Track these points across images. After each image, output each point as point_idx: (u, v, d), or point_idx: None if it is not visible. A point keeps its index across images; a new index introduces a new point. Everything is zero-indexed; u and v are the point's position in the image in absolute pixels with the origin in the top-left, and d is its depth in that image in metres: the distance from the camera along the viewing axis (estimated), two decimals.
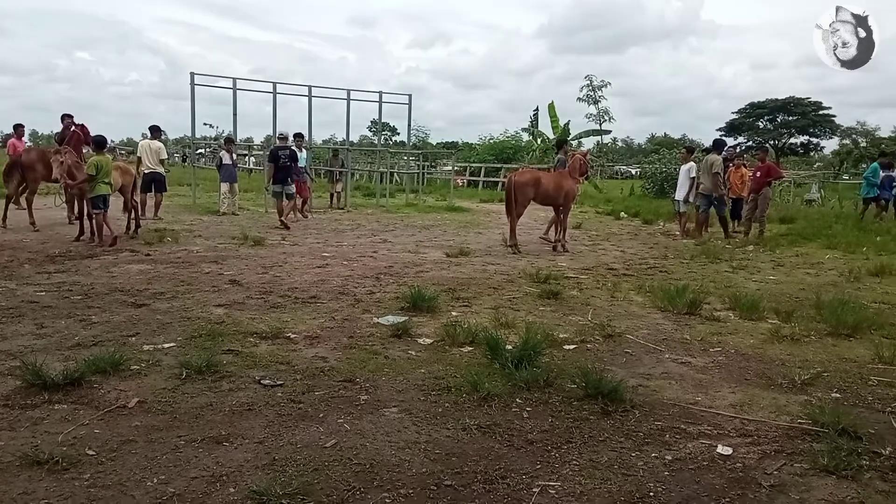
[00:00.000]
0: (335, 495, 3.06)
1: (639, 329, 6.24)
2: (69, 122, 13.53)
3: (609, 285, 8.32)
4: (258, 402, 4.15)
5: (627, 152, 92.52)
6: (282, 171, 14.37)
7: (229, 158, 16.39)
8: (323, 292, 7.48)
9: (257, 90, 20.45)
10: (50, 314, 6.11)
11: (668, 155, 29.04)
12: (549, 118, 34.77)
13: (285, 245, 11.42)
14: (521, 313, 6.71)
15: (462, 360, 5.11)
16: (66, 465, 3.24)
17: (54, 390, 4.15)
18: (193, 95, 17.40)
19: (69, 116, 13.77)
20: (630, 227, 16.50)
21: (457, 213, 18.98)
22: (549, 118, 34.77)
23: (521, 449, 3.63)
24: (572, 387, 4.48)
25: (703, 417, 4.16)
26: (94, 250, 9.87)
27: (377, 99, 21.19)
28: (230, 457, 3.42)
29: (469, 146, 46.62)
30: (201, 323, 5.94)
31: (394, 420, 3.98)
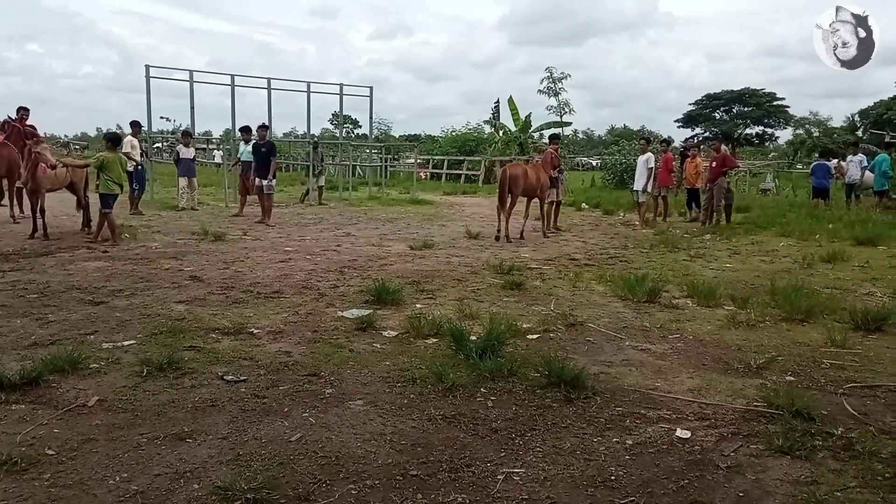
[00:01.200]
0: (301, 488, 3.06)
1: (600, 318, 6.34)
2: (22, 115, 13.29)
3: (571, 275, 8.43)
4: (221, 398, 4.12)
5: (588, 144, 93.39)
6: (260, 164, 14.15)
7: (187, 152, 16.12)
8: (286, 287, 7.43)
9: (215, 83, 20.19)
10: (5, 313, 5.96)
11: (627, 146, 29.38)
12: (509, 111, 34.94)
13: (247, 240, 11.30)
14: (485, 304, 6.76)
15: (427, 352, 5.14)
16: (25, 466, 3.19)
17: (11, 390, 4.06)
18: (149, 88, 17.08)
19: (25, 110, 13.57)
20: (591, 218, 16.73)
21: (420, 206, 18.99)
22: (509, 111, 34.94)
23: (486, 437, 3.67)
24: (536, 375, 4.54)
25: (663, 402, 4.26)
26: (49, 248, 9.63)
27: (338, 91, 21.08)
28: (194, 453, 3.39)
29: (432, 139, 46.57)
30: (161, 320, 5.85)
31: (359, 412, 3.99)
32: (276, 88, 19.66)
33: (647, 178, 14.69)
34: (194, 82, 18.07)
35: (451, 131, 41.10)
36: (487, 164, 32.55)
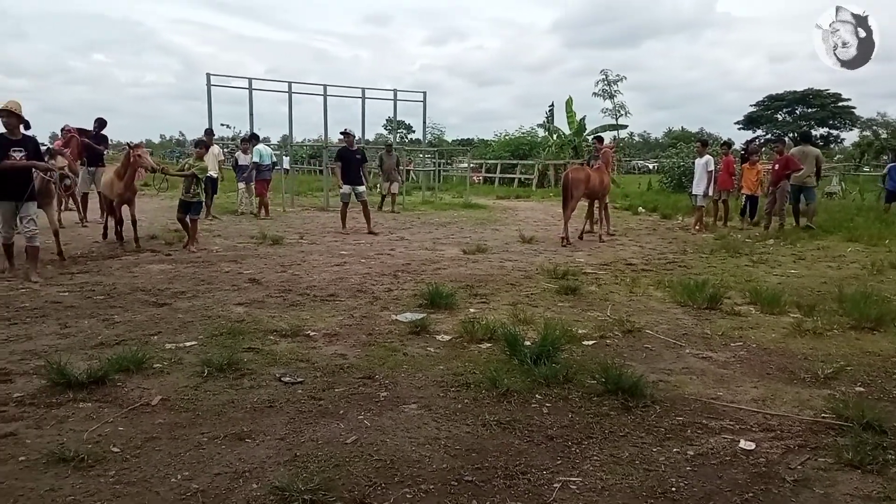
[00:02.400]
0: (356, 491, 3.08)
1: (658, 324, 6.20)
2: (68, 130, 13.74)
3: (628, 280, 8.28)
4: (279, 399, 4.19)
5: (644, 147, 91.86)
6: (352, 172, 13.70)
7: (246, 159, 16.48)
8: (341, 290, 7.52)
9: (273, 90, 20.60)
10: (73, 314, 6.20)
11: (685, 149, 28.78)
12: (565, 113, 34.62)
13: (303, 244, 11.49)
14: (540, 309, 6.69)
15: (481, 357, 5.11)
16: (91, 462, 3.29)
17: (79, 389, 4.21)
18: (210, 96, 17.53)
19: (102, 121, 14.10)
20: (648, 222, 16.41)
21: (473, 210, 18.98)
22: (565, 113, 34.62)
23: (542, 445, 3.62)
24: (592, 382, 4.47)
25: (725, 412, 4.13)
26: (115, 251, 9.98)
27: (392, 97, 21.23)
28: (252, 453, 3.45)
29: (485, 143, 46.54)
30: (222, 321, 5.99)
31: (413, 416, 3.99)
32: (331, 95, 19.93)
33: (706, 182, 14.33)
34: (253, 90, 18.48)
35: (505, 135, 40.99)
36: (541, 168, 32.34)
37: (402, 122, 55.95)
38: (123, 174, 10.10)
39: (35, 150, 8.07)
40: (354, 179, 13.68)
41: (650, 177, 37.61)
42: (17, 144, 7.72)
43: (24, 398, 4.13)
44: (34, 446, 3.48)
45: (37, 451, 3.41)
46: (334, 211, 17.62)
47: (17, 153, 7.69)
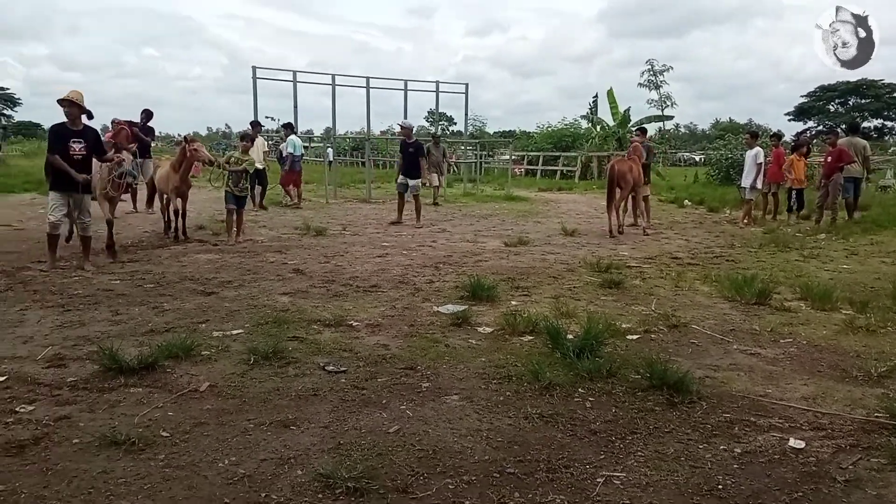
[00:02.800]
0: (399, 480, 3.10)
1: (705, 319, 6.09)
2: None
3: (673, 275, 8.14)
4: (323, 388, 4.24)
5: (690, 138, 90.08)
6: (408, 164, 13.72)
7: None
8: (383, 281, 7.57)
9: (317, 82, 20.81)
10: (125, 301, 6.37)
11: (733, 141, 28.14)
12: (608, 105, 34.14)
13: (346, 235, 11.59)
14: (582, 303, 6.64)
15: (522, 350, 5.09)
16: (141, 446, 3.38)
17: (130, 374, 4.33)
18: (255, 89, 17.81)
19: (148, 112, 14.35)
20: (694, 216, 16.11)
21: (515, 203, 18.88)
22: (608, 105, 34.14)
23: (585, 439, 3.60)
24: (636, 377, 4.41)
25: (774, 410, 4.04)
26: (164, 241, 10.22)
27: (434, 89, 21.25)
28: (297, 440, 3.50)
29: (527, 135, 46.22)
30: (267, 310, 6.09)
31: (455, 407, 4.00)
32: (374, 87, 20.05)
33: (755, 174, 13.98)
34: (297, 82, 18.70)
35: (547, 127, 40.65)
36: (584, 160, 31.99)
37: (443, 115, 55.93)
38: (179, 168, 10.03)
39: (95, 142, 8.03)
40: (410, 172, 13.69)
41: (696, 169, 36.89)
42: (77, 135, 7.71)
43: (77, 382, 4.27)
44: (87, 429, 3.59)
45: (90, 434, 3.52)
46: (376, 202, 17.76)
47: (77, 144, 7.67)
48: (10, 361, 4.63)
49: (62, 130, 7.73)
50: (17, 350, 4.89)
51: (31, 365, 4.58)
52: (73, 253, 8.63)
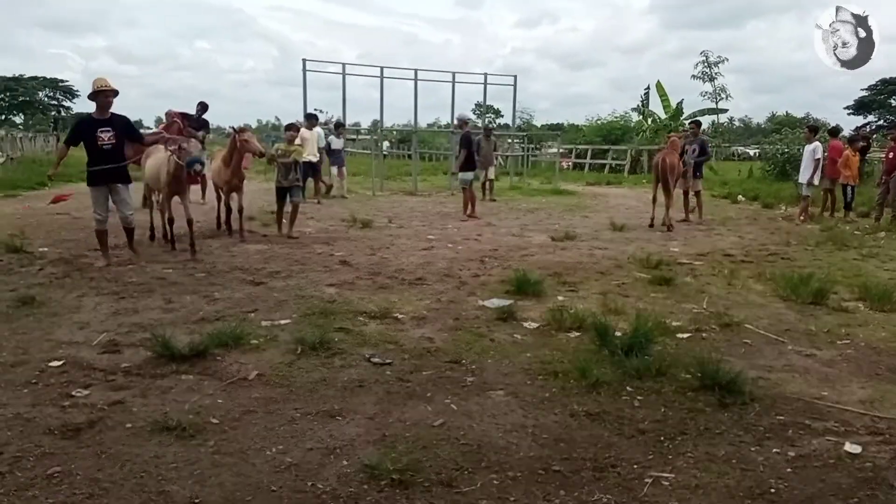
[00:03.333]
0: (444, 474, 3.09)
1: (759, 319, 5.92)
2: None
3: (726, 272, 7.93)
4: (368, 379, 4.26)
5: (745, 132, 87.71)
6: (472, 158, 13.66)
7: (338, 143, 16.83)
8: (429, 274, 7.57)
9: (365, 74, 20.95)
10: (177, 290, 6.52)
11: (790, 135, 27.29)
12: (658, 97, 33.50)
13: (392, 227, 11.64)
14: (631, 299, 6.52)
15: (569, 346, 5.03)
16: (192, 432, 3.46)
17: (181, 361, 4.43)
18: (305, 82, 18.05)
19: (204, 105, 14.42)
20: (748, 212, 15.68)
21: (562, 197, 18.68)
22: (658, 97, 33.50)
23: (632, 438, 3.53)
24: (686, 377, 4.31)
25: (830, 413, 3.91)
26: (214, 231, 10.42)
27: (482, 81, 21.16)
28: (343, 430, 3.53)
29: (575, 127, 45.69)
30: (314, 301, 6.16)
31: (500, 403, 3.97)
32: (422, 79, 20.09)
33: (813, 170, 13.53)
34: (346, 75, 18.83)
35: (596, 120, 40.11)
36: (634, 154, 31.46)
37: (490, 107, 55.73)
38: (230, 160, 9.69)
39: (125, 128, 7.76)
40: (470, 165, 13.68)
41: (751, 164, 35.92)
42: (104, 124, 7.48)
43: (131, 368, 4.38)
44: (140, 414, 3.68)
45: (142, 420, 3.61)
46: (422, 195, 17.80)
47: (105, 133, 7.43)
48: (67, 346, 4.79)
49: (87, 121, 7.64)
50: (73, 336, 5.05)
51: (87, 350, 4.72)
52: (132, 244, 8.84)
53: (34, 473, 3.05)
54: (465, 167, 13.62)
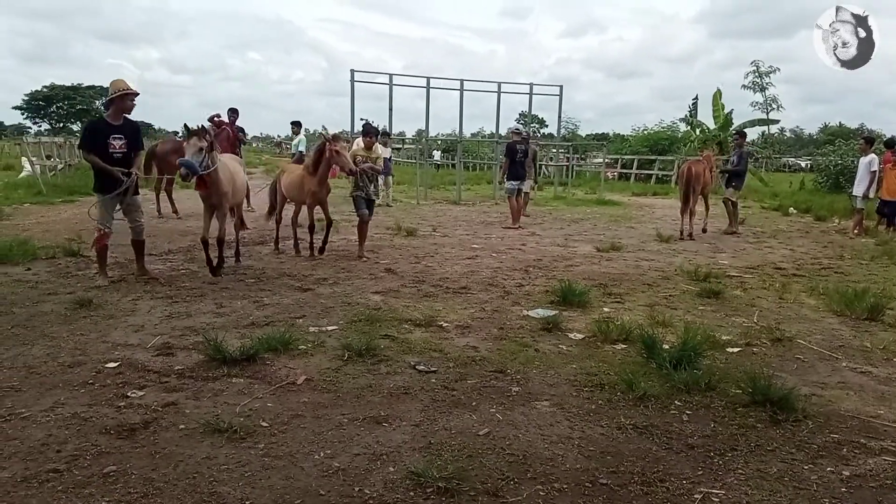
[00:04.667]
0: (489, 483, 3.10)
1: (811, 334, 5.77)
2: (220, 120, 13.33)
3: (777, 286, 7.75)
4: (414, 387, 4.29)
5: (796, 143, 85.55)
6: (517, 167, 13.49)
7: (384, 152, 16.95)
8: (473, 283, 7.58)
9: (411, 85, 21.12)
10: (228, 295, 6.67)
11: (844, 146, 26.50)
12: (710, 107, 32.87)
13: (436, 236, 11.69)
14: (679, 312, 6.42)
15: (615, 358, 4.98)
16: (242, 435, 3.53)
17: (232, 365, 4.53)
18: (353, 92, 18.26)
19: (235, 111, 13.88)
20: (800, 224, 15.29)
21: (607, 207, 18.51)
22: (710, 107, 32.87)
23: (681, 453, 3.48)
24: (737, 392, 4.23)
25: (886, 432, 3.79)
26: (263, 237, 10.61)
27: (528, 91, 21.13)
28: (389, 437, 3.56)
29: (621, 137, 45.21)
30: (360, 308, 6.22)
31: (546, 413, 3.96)
32: (467, 90, 20.13)
33: (868, 183, 13.13)
34: (393, 85, 19.02)
35: (643, 130, 39.62)
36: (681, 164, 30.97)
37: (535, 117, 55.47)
38: (315, 170, 8.53)
39: (134, 137, 7.18)
40: (519, 175, 13.57)
41: (803, 175, 35.03)
42: (117, 131, 6.97)
43: (184, 371, 4.50)
44: (193, 416, 3.77)
45: (195, 421, 3.69)
46: (466, 204, 17.82)
47: (117, 140, 6.94)
48: (122, 348, 4.93)
49: (100, 126, 7.08)
50: (129, 338, 5.20)
51: (142, 352, 4.86)
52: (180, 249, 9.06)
53: (91, 472, 3.14)
54: (509, 177, 13.55)
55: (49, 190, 16.49)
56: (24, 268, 7.65)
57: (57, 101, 77.30)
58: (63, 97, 76.53)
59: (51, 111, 78.32)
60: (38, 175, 18.06)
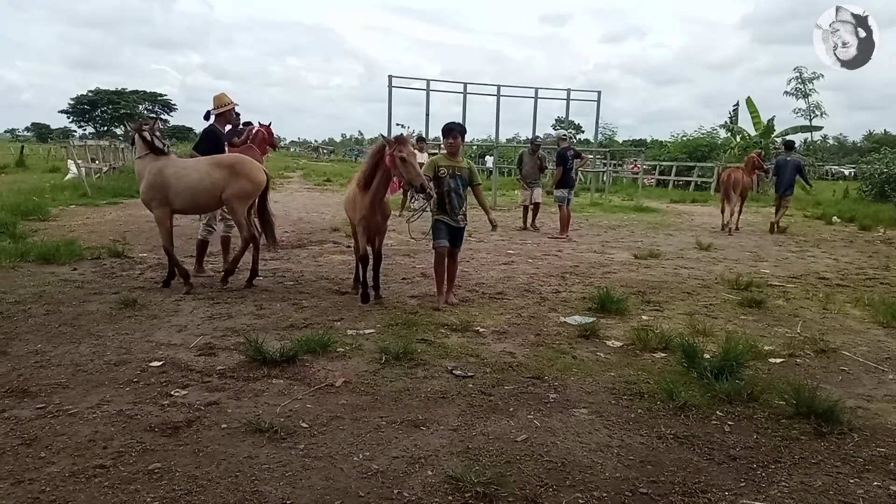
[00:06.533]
0: (528, 490, 3.09)
1: (857, 345, 5.64)
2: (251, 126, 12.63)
3: (821, 296, 7.58)
4: (451, 391, 4.30)
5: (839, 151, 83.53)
6: (569, 175, 13.42)
7: (421, 157, 17.03)
8: (509, 289, 7.57)
9: (449, 90, 21.17)
10: (267, 297, 6.76)
11: (890, 154, 25.82)
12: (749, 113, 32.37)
13: (471, 241, 11.68)
14: (720, 321, 6.32)
15: (654, 366, 4.92)
16: (283, 435, 3.57)
17: (272, 366, 4.59)
18: (391, 97, 18.33)
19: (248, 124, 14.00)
20: (844, 233, 14.93)
21: (645, 214, 18.32)
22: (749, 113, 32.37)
23: (723, 464, 3.42)
24: (780, 403, 4.15)
25: None
26: (301, 241, 10.73)
27: (565, 97, 21.02)
28: (427, 441, 3.57)
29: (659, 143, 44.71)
30: (397, 312, 6.25)
31: (584, 421, 3.93)
32: (504, 95, 20.09)
33: None
34: (430, 91, 19.09)
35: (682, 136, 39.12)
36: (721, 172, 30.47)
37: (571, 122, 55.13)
38: (369, 182, 6.28)
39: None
40: (570, 183, 13.53)
41: (847, 183, 34.23)
42: (227, 138, 8.07)
43: (225, 371, 4.57)
44: (234, 415, 3.84)
45: (236, 421, 3.75)
46: (502, 209, 17.79)
47: (229, 148, 7.99)
48: (166, 348, 5.04)
49: (218, 133, 7.78)
50: (172, 338, 5.31)
51: (185, 352, 4.96)
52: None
53: (136, 468, 3.21)
54: (560, 184, 13.34)
55: (94, 192, 16.93)
56: (71, 268, 7.87)
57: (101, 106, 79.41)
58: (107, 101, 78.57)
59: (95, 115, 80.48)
60: (84, 177, 18.56)
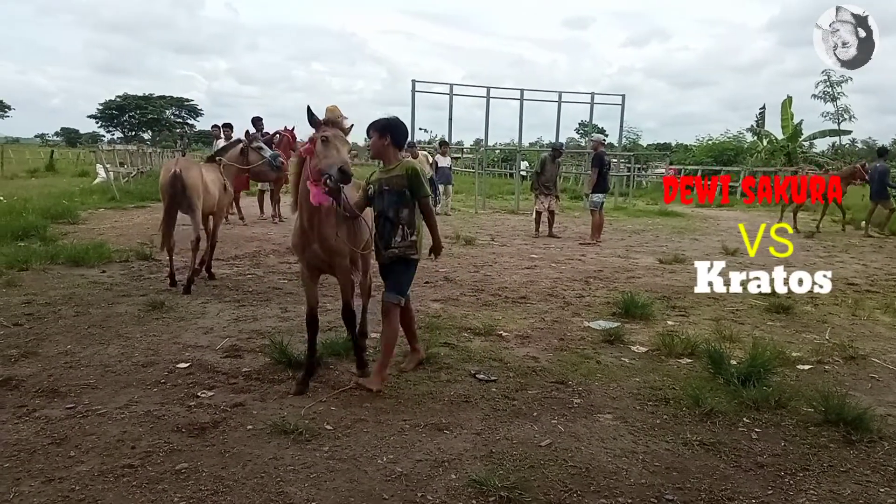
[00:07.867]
0: (552, 495, 3.08)
1: (887, 352, 5.54)
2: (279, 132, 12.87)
3: (849, 302, 7.46)
4: (474, 395, 4.30)
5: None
6: (605, 180, 13.19)
7: (444, 161, 17.08)
8: (532, 293, 7.55)
9: (472, 95, 21.20)
10: (292, 300, 6.81)
11: None
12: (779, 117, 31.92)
13: (495, 245, 11.68)
14: (746, 327, 6.25)
15: (680, 372, 4.88)
16: (308, 437, 3.60)
17: (297, 368, 4.63)
18: (414, 101, 18.40)
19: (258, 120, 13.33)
20: (873, 239, 14.67)
21: (669, 218, 18.13)
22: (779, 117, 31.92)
23: (750, 471, 3.38)
24: (809, 410, 4.09)
25: None
26: None
27: (589, 100, 20.94)
28: (451, 444, 3.58)
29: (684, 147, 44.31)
30: (420, 316, 6.24)
31: (608, 427, 3.91)
32: (528, 99, 20.07)
33: None
34: (453, 95, 19.12)
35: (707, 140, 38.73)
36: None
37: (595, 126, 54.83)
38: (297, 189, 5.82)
39: None
40: (604, 187, 13.30)
41: None
42: None
43: (251, 373, 4.62)
44: (260, 417, 3.87)
45: (262, 422, 3.79)
46: (524, 214, 17.72)
47: None
48: (193, 350, 5.10)
49: None
50: (199, 340, 5.37)
51: (211, 354, 5.02)
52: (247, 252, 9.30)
53: (164, 468, 3.26)
54: (596, 189, 12.99)
55: (122, 195, 17.19)
56: (100, 270, 7.99)
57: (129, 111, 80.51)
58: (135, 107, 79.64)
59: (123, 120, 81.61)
60: (112, 181, 18.84)
